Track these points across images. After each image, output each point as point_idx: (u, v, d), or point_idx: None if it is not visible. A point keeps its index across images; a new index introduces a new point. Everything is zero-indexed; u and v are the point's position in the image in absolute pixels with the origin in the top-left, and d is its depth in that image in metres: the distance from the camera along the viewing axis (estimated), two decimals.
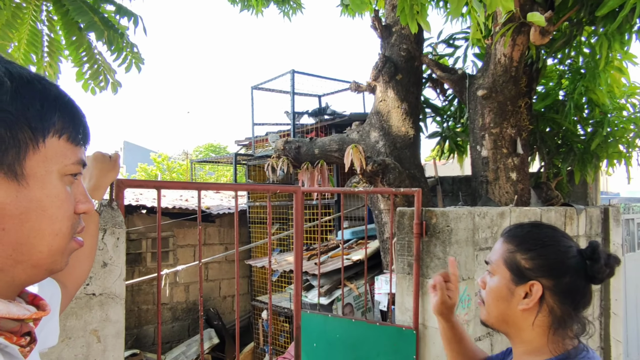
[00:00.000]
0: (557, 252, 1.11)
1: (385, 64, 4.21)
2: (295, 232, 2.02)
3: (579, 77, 4.12)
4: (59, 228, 0.59)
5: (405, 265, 2.63)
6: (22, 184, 0.54)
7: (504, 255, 1.16)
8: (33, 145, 0.55)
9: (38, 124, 0.55)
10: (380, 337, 2.61)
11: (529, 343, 1.12)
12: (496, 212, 3.04)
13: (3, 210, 0.53)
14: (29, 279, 0.59)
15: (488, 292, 1.17)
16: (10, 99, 0.53)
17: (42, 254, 0.58)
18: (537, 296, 1.09)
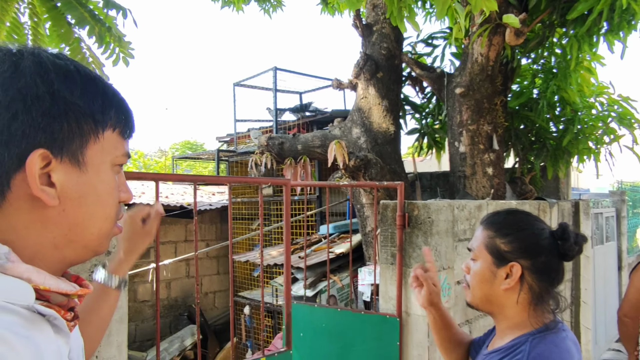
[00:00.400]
0: (532, 234, 1.22)
1: (367, 62, 4.31)
2: (284, 223, 2.09)
3: (551, 77, 4.30)
4: (109, 213, 0.65)
5: (389, 256, 2.74)
6: (83, 170, 0.60)
7: (485, 241, 1.26)
8: (94, 136, 0.61)
9: (100, 117, 0.61)
10: (365, 325, 2.70)
11: (511, 319, 1.23)
12: (474, 205, 3.17)
13: (65, 193, 0.59)
14: (77, 258, 0.65)
15: (472, 276, 1.28)
16: (80, 94, 0.59)
17: (92, 235, 0.63)
18: (517, 276, 1.19)
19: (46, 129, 0.56)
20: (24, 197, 0.57)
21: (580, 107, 4.39)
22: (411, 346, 2.62)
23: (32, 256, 0.58)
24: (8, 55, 0.57)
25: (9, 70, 0.56)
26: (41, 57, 0.58)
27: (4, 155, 0.54)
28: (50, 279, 0.58)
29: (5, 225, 0.57)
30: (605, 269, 6.11)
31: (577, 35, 3.63)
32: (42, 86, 0.56)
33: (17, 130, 0.54)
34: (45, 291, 0.57)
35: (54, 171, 0.57)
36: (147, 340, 6.25)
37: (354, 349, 2.71)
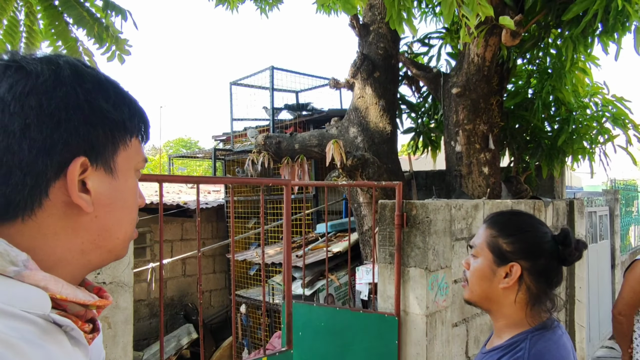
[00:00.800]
0: (534, 237, 1.25)
1: (364, 61, 4.33)
2: (285, 223, 2.10)
3: (547, 77, 4.34)
4: (133, 217, 0.67)
5: (387, 255, 2.76)
6: (114, 176, 0.62)
7: (487, 239, 1.28)
8: (124, 143, 0.63)
9: (129, 124, 0.64)
10: (364, 324, 2.72)
11: (509, 317, 1.26)
12: (471, 204, 3.20)
13: (98, 200, 0.60)
14: (101, 262, 0.65)
15: (472, 272, 1.30)
16: (113, 103, 0.61)
17: (118, 240, 0.65)
18: (516, 276, 1.22)
19: (85, 137, 0.57)
20: (59, 204, 0.57)
21: (575, 107, 4.43)
22: (409, 345, 2.65)
23: (56, 262, 0.59)
24: (46, 63, 0.58)
25: (50, 79, 0.56)
26: (77, 67, 0.59)
27: (46, 163, 0.55)
28: (67, 288, 0.58)
29: (36, 231, 0.57)
30: (598, 268, 6.18)
31: (572, 36, 3.66)
32: (81, 95, 0.57)
33: (59, 138, 0.55)
34: (62, 300, 0.56)
35: (89, 178, 0.58)
36: (143, 339, 6.24)
37: (352, 347, 2.73)
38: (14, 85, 0.55)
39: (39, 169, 0.55)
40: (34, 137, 0.54)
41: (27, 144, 0.54)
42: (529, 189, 4.48)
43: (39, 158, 0.54)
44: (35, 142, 0.54)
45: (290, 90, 6.07)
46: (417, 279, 2.65)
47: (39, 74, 0.56)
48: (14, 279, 0.53)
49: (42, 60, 0.58)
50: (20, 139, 0.54)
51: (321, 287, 3.74)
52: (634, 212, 10.82)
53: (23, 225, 0.56)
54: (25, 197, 0.55)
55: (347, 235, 4.63)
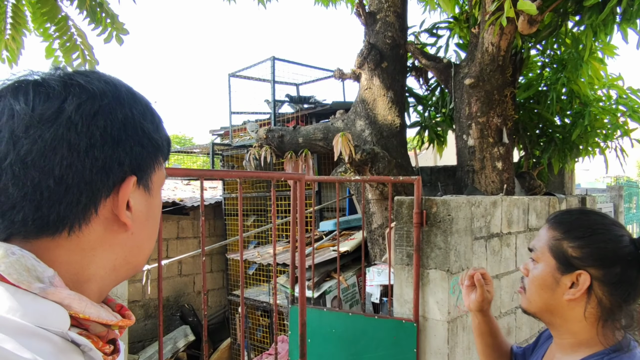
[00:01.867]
0: (608, 240, 1.05)
1: (371, 51, 4.11)
2: (299, 221, 1.89)
3: (562, 68, 4.15)
4: (156, 233, 0.69)
5: (404, 256, 2.56)
6: (151, 194, 0.65)
7: (550, 243, 1.10)
8: (159, 163, 0.66)
9: (164, 146, 0.66)
10: (379, 330, 2.53)
11: (575, 335, 1.07)
12: (489, 201, 3.01)
13: (137, 217, 0.62)
14: (124, 277, 0.66)
15: (531, 280, 1.12)
16: (155, 125, 0.64)
17: (144, 255, 0.66)
18: (584, 286, 1.03)
19: (138, 158, 0.60)
20: (102, 221, 0.59)
21: (591, 99, 4.24)
22: (429, 353, 2.45)
23: (89, 277, 0.59)
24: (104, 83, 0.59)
25: (113, 101, 0.59)
26: (131, 89, 0.63)
27: (104, 182, 0.57)
28: (91, 307, 0.56)
29: (75, 246, 0.57)
30: None
31: (592, 24, 3.46)
32: (136, 117, 0.60)
33: (117, 158, 0.57)
34: (85, 320, 0.56)
35: (132, 197, 0.60)
36: (137, 342, 6.01)
37: (367, 355, 2.53)
38: (81, 105, 0.56)
39: (96, 187, 0.56)
40: (97, 157, 0.56)
41: (90, 162, 0.55)
42: (542, 185, 4.30)
43: (99, 176, 0.56)
44: (97, 161, 0.56)
45: (291, 83, 5.84)
46: (437, 281, 2.45)
47: (104, 95, 0.58)
48: (38, 295, 0.52)
49: (101, 79, 0.60)
50: (84, 157, 0.55)
51: (328, 289, 3.54)
52: (632, 208, 10.73)
53: (67, 240, 0.57)
54: (78, 214, 0.56)
55: (353, 234, 4.43)
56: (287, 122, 5.50)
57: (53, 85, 0.57)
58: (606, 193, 8.37)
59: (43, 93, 0.56)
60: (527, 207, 3.54)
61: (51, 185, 0.54)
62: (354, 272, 3.80)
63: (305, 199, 2.74)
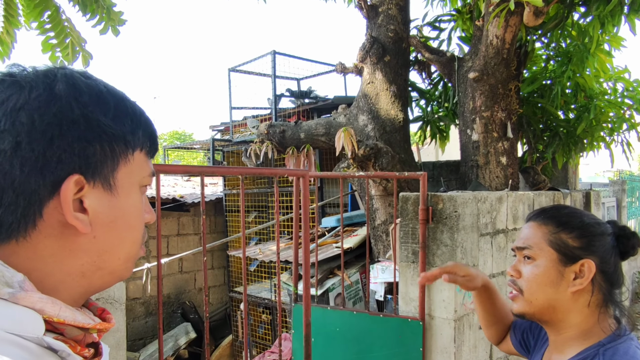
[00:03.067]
0: (599, 228, 1.09)
1: (373, 45, 4.05)
2: (303, 218, 1.84)
3: (567, 61, 4.08)
4: (136, 236, 0.63)
5: (410, 254, 2.51)
6: (114, 194, 0.58)
7: (547, 237, 1.10)
8: (124, 158, 0.59)
9: (130, 138, 0.59)
10: (384, 329, 2.48)
11: (577, 326, 1.08)
12: (495, 196, 2.96)
13: (97, 219, 0.56)
14: (103, 285, 0.61)
15: (531, 280, 1.10)
16: (113, 115, 0.57)
17: (119, 260, 0.61)
18: (591, 274, 1.04)
19: (81, 154, 0.54)
20: (54, 225, 0.54)
21: (597, 93, 4.18)
22: (435, 352, 2.41)
23: (56, 284, 0.56)
24: (41, 77, 0.55)
25: (44, 94, 0.53)
26: (74, 79, 0.56)
27: (39, 182, 0.52)
28: (66, 310, 0.54)
29: (31, 253, 0.54)
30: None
31: (600, 15, 3.40)
32: (77, 110, 0.54)
33: (52, 156, 0.53)
34: (59, 324, 0.53)
35: (86, 196, 0.55)
36: (138, 339, 5.98)
37: (371, 355, 2.49)
38: (5, 101, 0.52)
39: (32, 188, 0.52)
40: (25, 156, 0.51)
41: (19, 162, 0.51)
42: (547, 180, 4.25)
43: (32, 177, 0.52)
44: (27, 161, 0.52)
45: (292, 77, 5.77)
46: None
47: (33, 88, 0.53)
48: (8, 301, 0.50)
49: (39, 73, 0.55)
50: (11, 157, 0.51)
51: (331, 287, 3.49)
52: (634, 202, 10.67)
53: (18, 246, 0.54)
54: (18, 218, 0.53)
55: (356, 230, 4.38)
56: (288, 117, 5.44)
57: None
58: (608, 187, 8.32)
59: None
60: (533, 202, 3.49)
61: None
62: (357, 269, 3.76)
63: (316, 195, 2.69)
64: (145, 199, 0.67)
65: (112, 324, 0.62)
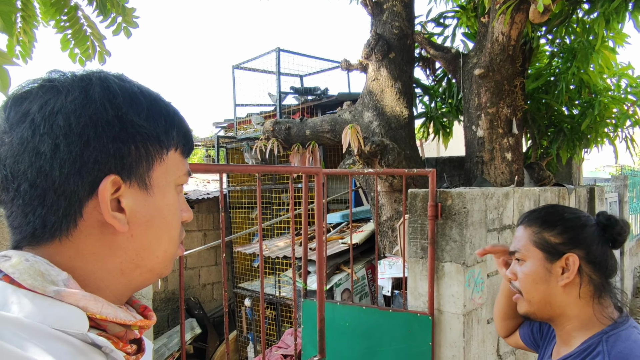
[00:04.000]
0: (580, 222, 1.14)
1: (378, 41, 4.06)
2: (316, 214, 1.86)
3: (572, 58, 4.10)
4: (174, 235, 0.64)
5: (419, 249, 2.53)
6: (150, 193, 0.60)
7: (531, 238, 1.16)
8: (159, 158, 0.60)
9: (164, 138, 0.61)
10: (394, 323, 2.51)
11: (575, 318, 1.12)
12: (501, 192, 2.98)
13: (134, 218, 0.58)
14: (143, 283, 0.63)
15: (524, 280, 1.16)
16: (146, 116, 0.59)
17: (158, 258, 0.62)
18: (575, 266, 1.09)
19: (116, 155, 0.56)
20: (94, 224, 0.56)
21: (601, 89, 4.19)
22: (445, 346, 2.44)
23: (98, 282, 0.58)
24: (77, 81, 0.57)
25: (79, 97, 0.55)
26: (108, 81, 0.58)
27: (78, 183, 0.54)
28: (108, 307, 0.56)
29: (74, 252, 0.56)
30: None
31: (605, 12, 3.41)
32: (111, 111, 0.56)
33: (89, 157, 0.54)
34: (102, 320, 0.55)
35: (123, 196, 0.57)
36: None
37: (381, 350, 2.52)
38: (44, 106, 0.54)
39: (71, 189, 0.54)
40: (63, 158, 0.53)
41: (58, 164, 0.53)
42: (551, 175, 4.27)
43: (71, 178, 0.54)
44: (66, 162, 0.53)
45: (295, 74, 5.77)
46: (453, 275, 2.42)
47: (69, 92, 0.55)
48: (54, 299, 0.52)
49: (75, 77, 0.57)
50: (51, 160, 0.53)
51: (337, 282, 3.52)
52: (634, 198, 10.69)
53: (61, 245, 0.56)
54: (60, 218, 0.55)
55: (361, 226, 4.40)
56: (292, 114, 5.45)
57: (32, 89, 0.56)
58: (610, 183, 8.34)
59: (21, 98, 0.56)
60: (538, 198, 3.52)
61: (27, 189, 0.54)
62: (363, 265, 3.78)
63: (311, 192, 2.72)
64: (182, 197, 0.68)
65: (153, 321, 0.64)
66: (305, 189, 2.27)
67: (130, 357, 0.59)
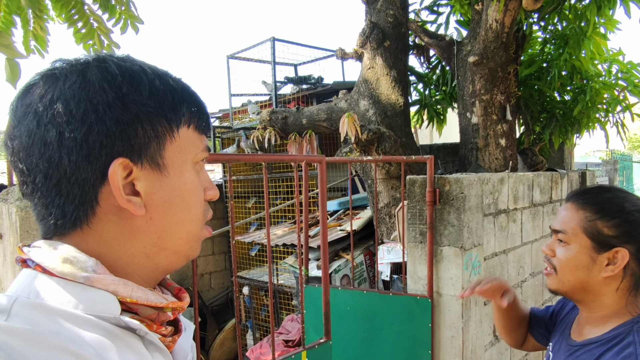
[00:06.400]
0: (639, 217, 1.09)
1: (373, 30, 4.08)
2: (320, 202, 1.91)
3: (564, 44, 4.15)
4: (195, 214, 0.62)
5: (417, 234, 2.59)
6: (164, 173, 0.58)
7: (582, 224, 1.12)
8: (170, 136, 0.58)
9: (172, 115, 0.58)
10: (394, 307, 2.58)
11: (607, 307, 1.12)
12: (497, 178, 3.04)
13: (150, 200, 0.57)
14: (170, 265, 0.62)
15: (564, 261, 1.14)
16: (149, 94, 0.56)
17: (181, 240, 0.61)
18: (623, 262, 1.07)
19: (122, 137, 0.54)
20: (112, 210, 0.56)
21: (592, 75, 4.26)
22: (444, 327, 2.51)
23: (125, 267, 0.58)
24: (74, 66, 0.55)
25: (77, 82, 0.54)
26: (106, 63, 0.56)
27: (88, 170, 0.53)
28: (138, 290, 0.56)
29: (97, 239, 0.56)
30: None
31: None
32: (110, 92, 0.54)
33: (94, 142, 0.53)
34: (133, 304, 0.55)
35: (137, 179, 0.56)
36: None
37: (382, 332, 2.59)
38: (44, 95, 0.53)
39: (83, 176, 0.53)
40: (69, 145, 0.52)
41: (66, 152, 0.52)
42: (545, 161, 4.35)
43: (80, 166, 0.53)
44: (72, 150, 0.52)
45: (289, 63, 5.78)
46: (451, 258, 2.49)
47: (67, 78, 0.54)
48: (84, 284, 0.52)
49: (74, 63, 0.56)
50: (58, 149, 0.52)
51: (337, 268, 3.59)
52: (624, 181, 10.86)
53: (83, 234, 0.56)
54: (77, 206, 0.54)
55: (359, 213, 4.46)
56: (287, 103, 5.47)
57: (36, 81, 0.55)
58: (601, 167, 8.46)
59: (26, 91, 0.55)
60: (532, 183, 3.59)
61: (42, 181, 0.54)
62: (361, 251, 3.85)
63: (309, 180, 2.77)
64: (205, 174, 0.66)
65: (187, 302, 0.64)
66: (305, 177, 2.32)
67: (166, 339, 0.59)
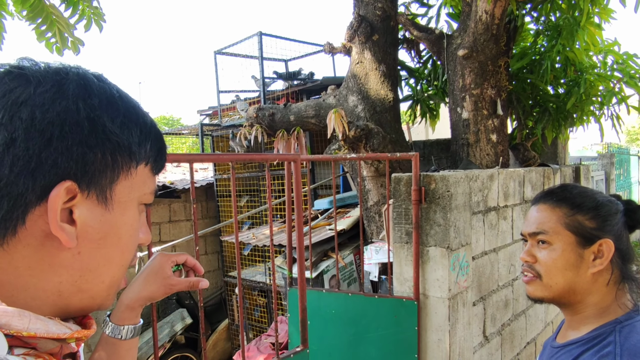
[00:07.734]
0: (613, 208, 1.09)
1: (361, 23, 3.98)
2: (295, 204, 1.82)
3: (557, 35, 4.05)
4: (126, 259, 0.58)
5: (403, 234, 2.51)
6: (109, 208, 0.54)
7: (563, 220, 1.08)
8: (127, 170, 0.55)
9: (136, 149, 0.55)
10: (380, 309, 2.50)
11: (595, 305, 1.07)
12: (486, 175, 2.96)
13: (85, 233, 0.52)
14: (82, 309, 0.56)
15: (550, 264, 1.08)
16: (120, 123, 0.53)
17: (103, 284, 0.56)
18: (611, 253, 1.04)
19: (79, 159, 0.50)
20: (36, 234, 0.50)
21: (586, 66, 4.16)
22: (430, 331, 2.43)
23: (29, 300, 0.51)
24: (51, 73, 0.51)
25: (51, 91, 0.49)
26: (87, 80, 0.52)
27: (28, 185, 0.48)
28: (36, 322, 0.49)
29: (6, 263, 0.49)
30: None
31: None
32: (83, 111, 0.50)
33: (48, 158, 0.48)
34: (30, 338, 0.48)
35: (77, 206, 0.51)
36: None
37: (367, 336, 2.51)
38: (7, 93, 0.48)
39: (19, 190, 0.48)
40: (18, 154, 0.47)
41: (10, 160, 0.47)
42: (537, 156, 4.26)
43: (21, 178, 0.47)
44: (19, 160, 0.47)
45: (280, 59, 5.68)
46: (437, 259, 2.41)
47: (40, 83, 0.49)
48: None
49: (50, 69, 0.52)
50: (2, 154, 0.47)
51: (325, 269, 3.50)
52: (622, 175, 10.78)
53: None
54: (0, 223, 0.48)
55: (349, 211, 4.38)
56: (277, 100, 5.37)
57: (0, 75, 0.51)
58: (597, 161, 8.38)
59: None
60: (523, 179, 3.51)
61: None
62: (351, 251, 3.77)
63: (307, 178, 2.68)
64: (144, 218, 0.62)
65: (93, 331, 0.58)
66: (287, 176, 2.23)
67: None
